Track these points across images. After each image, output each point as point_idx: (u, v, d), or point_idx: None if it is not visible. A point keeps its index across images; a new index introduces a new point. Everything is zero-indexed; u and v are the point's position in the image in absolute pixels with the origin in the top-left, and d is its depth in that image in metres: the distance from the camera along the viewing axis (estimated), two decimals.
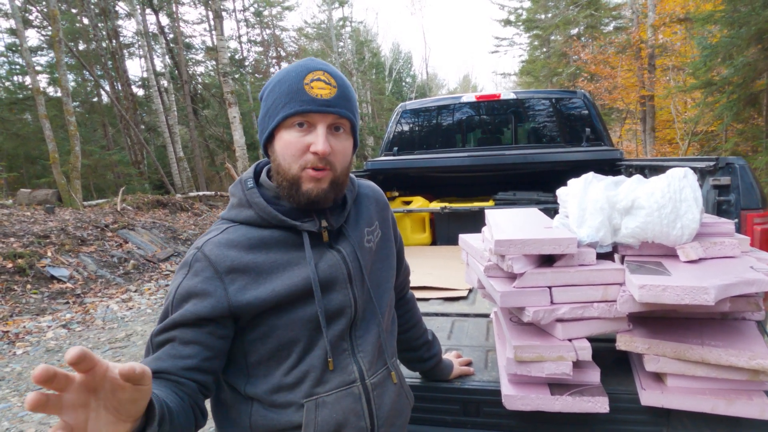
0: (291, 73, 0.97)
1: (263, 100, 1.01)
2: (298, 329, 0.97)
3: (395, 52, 39.44)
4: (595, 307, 1.38)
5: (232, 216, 1.02)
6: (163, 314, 0.95)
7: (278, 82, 0.98)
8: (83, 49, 17.79)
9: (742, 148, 9.90)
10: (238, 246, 0.96)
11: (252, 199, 1.00)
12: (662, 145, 15.17)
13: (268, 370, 0.98)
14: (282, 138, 0.96)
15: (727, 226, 1.48)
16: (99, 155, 14.94)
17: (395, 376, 1.11)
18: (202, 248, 0.96)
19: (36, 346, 4.59)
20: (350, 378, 1.01)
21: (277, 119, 0.95)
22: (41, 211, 8.72)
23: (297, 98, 0.94)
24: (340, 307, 1.01)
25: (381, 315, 1.09)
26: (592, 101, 3.96)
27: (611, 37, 18.19)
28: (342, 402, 0.99)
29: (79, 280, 6.49)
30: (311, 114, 0.94)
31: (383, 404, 1.06)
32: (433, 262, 3.05)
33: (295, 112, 0.93)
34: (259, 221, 0.99)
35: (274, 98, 0.97)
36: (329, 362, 0.98)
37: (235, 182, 1.06)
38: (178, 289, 0.93)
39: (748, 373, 1.27)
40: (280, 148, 0.97)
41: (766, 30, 6.68)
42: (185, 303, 0.92)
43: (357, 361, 1.03)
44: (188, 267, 0.95)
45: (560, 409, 1.37)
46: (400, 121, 4.35)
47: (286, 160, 0.96)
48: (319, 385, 0.98)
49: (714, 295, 1.15)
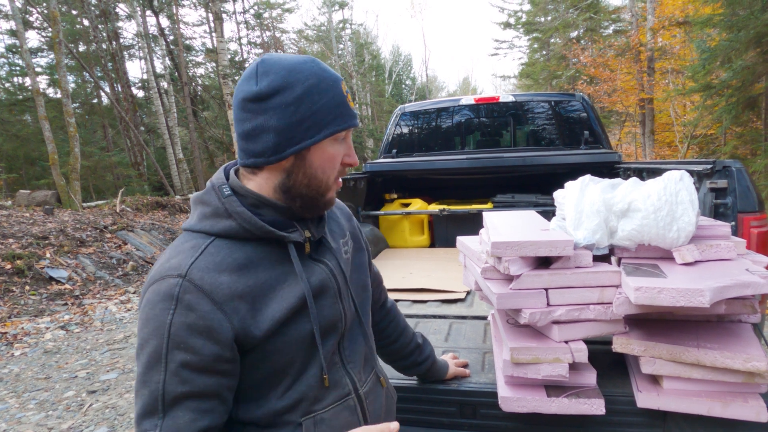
0: (328, 81, 0.91)
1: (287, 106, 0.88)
2: (293, 351, 0.92)
3: (395, 55, 39.53)
4: (591, 309, 1.38)
5: (206, 227, 0.91)
6: (149, 363, 0.82)
7: (313, 90, 0.89)
8: (83, 50, 17.80)
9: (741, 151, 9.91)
10: (227, 270, 0.87)
11: (233, 208, 0.89)
12: (661, 148, 15.19)
13: (260, 395, 0.93)
14: (325, 150, 0.92)
15: (723, 229, 1.48)
16: (98, 157, 14.94)
17: (384, 380, 1.13)
18: (189, 276, 0.83)
19: (34, 347, 4.59)
20: (345, 391, 1.00)
21: (327, 133, 0.90)
22: (40, 213, 8.72)
23: (345, 112, 0.92)
24: (332, 321, 0.99)
25: (366, 323, 1.10)
26: (590, 104, 3.97)
27: (611, 40, 18.23)
28: (340, 416, 0.98)
29: (78, 282, 6.48)
30: (352, 128, 0.95)
31: (375, 410, 1.07)
32: (431, 265, 3.05)
33: (346, 127, 0.92)
34: (241, 233, 0.89)
35: (315, 107, 0.89)
36: (325, 379, 0.95)
37: (206, 189, 0.95)
38: (171, 331, 0.81)
39: (743, 375, 1.28)
40: (320, 162, 0.92)
41: (765, 33, 6.69)
42: (186, 345, 0.82)
43: (348, 372, 1.02)
44: (174, 300, 0.82)
45: (556, 411, 1.37)
46: (399, 124, 4.36)
47: (326, 173, 0.94)
48: (316, 403, 0.96)
49: (709, 298, 1.15)
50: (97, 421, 3.14)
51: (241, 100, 0.90)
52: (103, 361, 4.18)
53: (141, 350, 0.84)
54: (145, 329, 0.83)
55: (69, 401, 3.45)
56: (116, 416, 3.19)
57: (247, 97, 0.89)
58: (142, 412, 0.82)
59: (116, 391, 3.56)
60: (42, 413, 3.29)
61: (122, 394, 3.51)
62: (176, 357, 0.81)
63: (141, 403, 0.82)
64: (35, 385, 3.74)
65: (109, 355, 4.31)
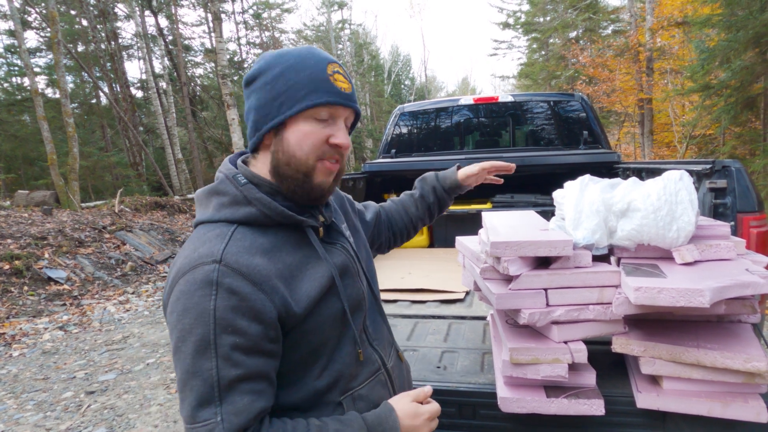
0: (308, 61, 0.91)
1: (264, 85, 0.92)
2: (327, 330, 0.94)
3: (394, 55, 39.53)
4: (590, 309, 1.38)
5: (227, 216, 0.91)
6: (197, 352, 0.80)
7: (291, 68, 0.91)
8: (82, 50, 17.79)
9: (740, 151, 9.92)
10: (258, 253, 0.87)
11: (252, 195, 0.91)
12: (660, 148, 15.20)
13: (298, 377, 0.94)
14: (299, 128, 0.90)
15: (722, 229, 1.48)
16: (97, 157, 14.91)
17: (402, 355, 1.19)
18: (224, 260, 0.83)
19: (32, 348, 4.58)
20: (375, 366, 1.04)
21: (300, 107, 0.89)
22: (39, 213, 8.70)
23: (324, 89, 0.90)
24: (357, 299, 1.02)
25: (379, 301, 1.15)
26: (589, 104, 3.97)
27: (610, 40, 18.23)
28: (374, 391, 1.02)
29: (77, 282, 6.47)
30: (336, 106, 0.92)
31: (400, 383, 1.12)
32: (430, 265, 3.05)
33: (325, 102, 0.90)
34: (262, 219, 0.91)
35: (290, 85, 0.90)
36: (359, 354, 0.99)
37: (219, 180, 0.95)
38: (216, 315, 0.80)
39: (743, 375, 1.27)
40: (296, 138, 0.91)
41: (764, 34, 6.69)
42: (234, 328, 0.81)
43: (375, 349, 1.06)
44: (214, 285, 0.81)
45: (556, 412, 1.37)
46: (398, 124, 4.35)
47: (303, 150, 0.91)
48: (352, 380, 0.99)
49: (709, 298, 1.15)
50: (96, 422, 3.13)
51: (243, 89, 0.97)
52: (101, 362, 4.17)
53: (182, 343, 0.82)
54: (184, 320, 0.81)
55: (67, 402, 3.44)
56: (114, 417, 3.18)
57: (243, 84, 0.96)
58: (197, 403, 0.80)
59: (114, 392, 3.55)
60: (40, 414, 3.28)
61: (120, 395, 3.50)
62: (225, 341, 0.80)
63: (194, 394, 0.80)
64: (33, 386, 3.73)
65: (108, 356, 4.30)
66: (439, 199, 1.53)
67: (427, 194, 1.51)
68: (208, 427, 0.79)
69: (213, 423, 0.79)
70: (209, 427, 0.79)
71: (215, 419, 0.79)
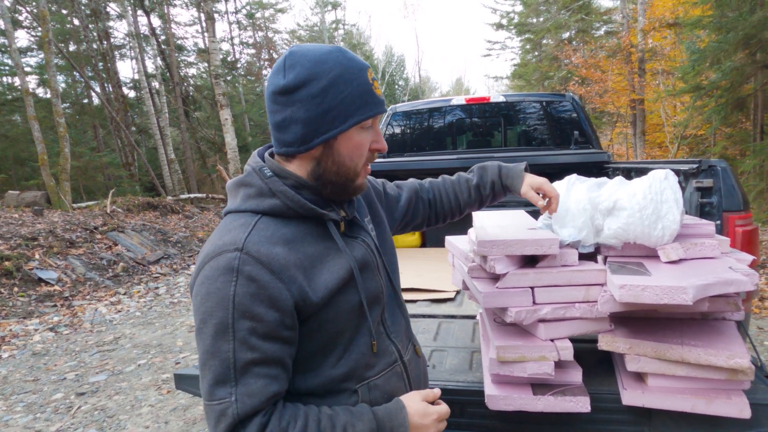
0: (352, 70, 0.93)
1: (313, 97, 0.91)
2: (343, 321, 0.97)
3: (388, 55, 39.53)
4: (577, 307, 1.39)
5: (253, 206, 0.95)
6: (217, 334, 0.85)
7: (339, 78, 0.91)
8: (73, 50, 17.67)
9: (730, 151, 10.02)
10: (279, 242, 0.91)
11: (276, 187, 0.95)
12: (652, 148, 15.31)
13: (315, 365, 0.98)
14: (352, 138, 0.95)
15: (707, 228, 1.49)
16: (89, 157, 14.82)
17: (419, 349, 1.20)
18: (246, 249, 0.87)
19: (22, 349, 4.55)
20: (392, 358, 1.06)
21: (353, 121, 0.93)
22: (29, 213, 8.64)
23: (371, 100, 0.94)
24: (375, 293, 1.04)
25: (399, 295, 1.17)
26: (580, 104, 3.99)
27: (602, 41, 18.36)
28: (390, 382, 1.04)
29: (68, 283, 6.43)
30: (380, 115, 0.97)
31: (416, 376, 1.14)
32: (422, 265, 3.06)
33: (373, 114, 0.95)
34: (285, 210, 0.95)
35: (342, 97, 0.92)
36: (373, 345, 1.01)
37: (247, 173, 0.99)
38: (236, 301, 0.84)
39: (726, 372, 1.29)
40: (347, 150, 0.96)
41: (753, 35, 6.76)
42: (251, 314, 0.85)
43: (393, 341, 1.08)
44: (235, 272, 0.85)
45: (542, 409, 1.38)
46: (391, 124, 4.36)
47: (354, 160, 0.97)
48: (368, 370, 1.01)
49: (692, 295, 1.16)
50: (86, 424, 3.12)
51: (271, 93, 0.95)
52: (92, 363, 4.14)
53: (204, 324, 0.87)
54: (207, 303, 0.86)
55: (57, 403, 3.42)
56: (105, 418, 3.17)
57: (276, 90, 0.93)
58: (214, 381, 0.85)
59: (105, 393, 3.53)
60: (30, 415, 3.26)
61: (111, 396, 3.48)
62: (243, 325, 0.85)
63: (212, 374, 0.86)
64: (23, 387, 3.71)
65: (99, 357, 4.28)
66: (495, 194, 1.45)
67: (484, 185, 1.43)
68: (223, 405, 0.84)
69: (228, 402, 0.84)
70: (224, 405, 0.84)
71: (230, 399, 0.84)
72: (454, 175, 1.48)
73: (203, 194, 15.38)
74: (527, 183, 1.38)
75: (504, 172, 1.42)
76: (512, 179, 1.40)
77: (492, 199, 1.46)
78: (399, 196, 1.38)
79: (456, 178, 1.47)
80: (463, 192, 1.44)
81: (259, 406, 0.85)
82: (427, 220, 1.45)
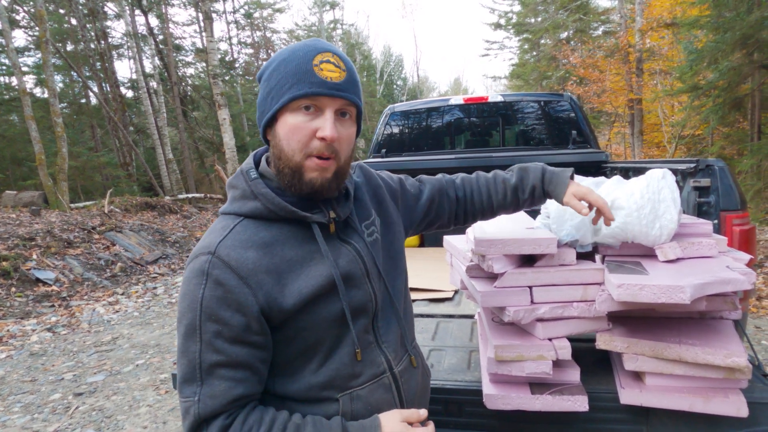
0: (298, 53, 0.90)
1: (264, 81, 0.94)
2: (323, 330, 0.95)
3: (386, 55, 39.53)
4: (574, 306, 1.39)
5: (236, 209, 0.96)
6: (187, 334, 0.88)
7: (283, 61, 0.91)
8: (71, 49, 17.62)
9: (728, 151, 10.03)
10: (254, 246, 0.90)
11: (257, 189, 0.94)
12: (650, 148, 15.34)
13: (294, 370, 0.96)
14: (286, 122, 0.90)
15: (704, 227, 1.50)
16: (87, 157, 14.77)
17: (414, 360, 1.11)
18: (217, 253, 0.88)
19: (20, 350, 4.53)
20: (380, 369, 1.02)
21: (283, 100, 0.89)
22: (27, 213, 8.62)
23: (306, 79, 0.88)
24: (362, 303, 0.99)
25: (398, 303, 1.09)
26: (578, 104, 4.00)
27: (600, 41, 18.38)
28: (375, 393, 1.00)
29: (65, 283, 6.41)
30: (320, 97, 0.89)
31: (410, 389, 1.08)
32: (420, 264, 3.06)
33: (304, 93, 0.88)
34: (266, 213, 0.93)
35: (279, 78, 0.90)
36: (357, 353, 0.97)
37: (236, 173, 0.99)
38: (203, 304, 0.86)
39: (724, 371, 1.29)
40: (283, 133, 0.91)
41: (750, 35, 6.77)
42: (217, 317, 0.86)
43: (383, 351, 1.03)
44: (204, 276, 0.87)
45: (540, 408, 1.38)
46: (388, 123, 4.36)
47: (291, 146, 0.90)
48: (352, 380, 0.98)
49: (690, 294, 1.16)
50: (84, 424, 3.11)
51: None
52: (90, 363, 4.13)
53: (179, 323, 0.90)
54: (182, 303, 0.89)
55: (55, 404, 3.41)
56: (103, 418, 3.16)
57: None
58: (183, 379, 0.88)
59: (103, 393, 3.53)
60: (27, 416, 3.25)
61: (109, 396, 3.47)
62: (209, 328, 0.87)
63: (181, 371, 0.88)
64: (21, 388, 3.70)
65: (97, 357, 4.27)
66: (534, 200, 1.31)
67: (523, 189, 1.29)
68: (188, 403, 0.87)
69: (191, 401, 0.87)
70: (188, 404, 0.87)
71: (193, 398, 0.87)
72: (491, 173, 1.36)
73: (201, 194, 15.36)
74: (570, 192, 1.22)
75: (548, 177, 1.27)
76: (555, 185, 1.25)
77: (530, 204, 1.33)
78: (420, 193, 1.27)
79: (492, 176, 1.34)
80: (498, 192, 1.31)
81: (221, 409, 0.86)
82: (455, 218, 1.33)
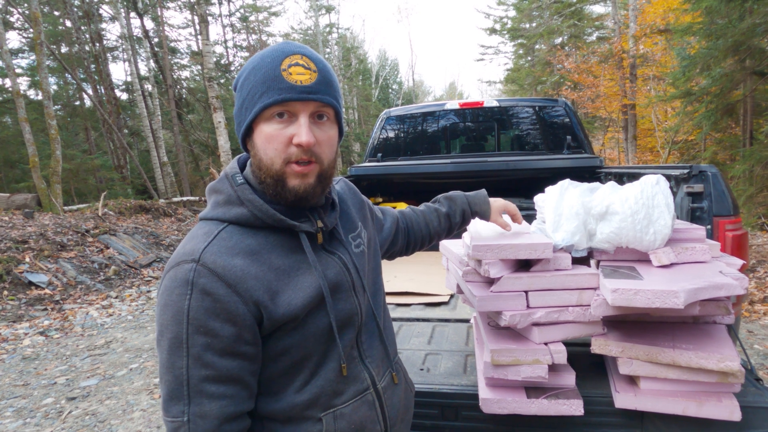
0: (266, 59, 0.87)
1: (238, 91, 0.92)
2: (311, 345, 0.92)
3: (382, 59, 39.61)
4: (570, 311, 1.40)
5: (219, 215, 0.91)
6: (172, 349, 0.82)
7: (253, 69, 0.88)
8: (66, 51, 17.55)
9: (720, 156, 10.12)
10: (240, 254, 0.86)
11: (245, 195, 0.90)
12: (644, 153, 15.45)
13: (278, 388, 0.92)
14: (262, 131, 0.88)
15: (698, 232, 1.51)
16: (81, 159, 14.70)
17: (396, 377, 1.10)
18: (202, 260, 0.83)
19: (12, 353, 4.50)
20: (363, 386, 0.99)
21: (255, 111, 0.86)
22: (20, 216, 8.55)
23: (275, 86, 0.85)
24: (349, 315, 0.97)
25: (379, 317, 1.08)
26: (573, 110, 4.03)
27: (594, 46, 18.50)
28: (359, 411, 0.97)
29: (58, 287, 6.37)
30: (291, 103, 0.86)
31: (393, 405, 1.06)
32: (415, 268, 3.06)
33: (273, 101, 0.85)
34: (252, 220, 0.90)
35: (250, 87, 0.88)
36: (343, 368, 0.94)
37: (220, 178, 0.96)
38: (190, 315, 0.81)
39: (717, 375, 1.30)
40: (260, 143, 0.88)
41: (742, 42, 6.84)
42: (206, 329, 0.82)
43: (367, 367, 1.01)
44: (189, 285, 0.82)
45: (536, 412, 1.39)
46: (384, 128, 4.37)
47: (268, 154, 0.87)
48: (335, 397, 0.95)
49: (683, 299, 1.17)
50: (77, 428, 3.09)
51: None
52: (83, 367, 4.11)
53: (161, 336, 0.84)
54: (164, 315, 0.83)
55: (48, 408, 3.38)
56: (96, 423, 3.14)
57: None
58: (168, 396, 0.83)
59: (96, 398, 3.50)
60: (20, 421, 3.23)
61: (103, 401, 3.45)
62: (197, 341, 0.82)
63: (167, 388, 0.83)
64: (13, 392, 3.67)
65: (90, 361, 4.24)
66: (464, 222, 1.48)
67: (453, 214, 1.45)
68: (176, 424, 0.82)
69: (179, 422, 0.82)
70: (176, 424, 0.82)
71: (182, 419, 0.82)
72: (421, 205, 1.51)
73: (196, 197, 15.30)
74: (494, 209, 1.46)
75: (472, 200, 1.46)
76: (480, 206, 1.45)
77: (461, 225, 1.49)
78: (384, 221, 1.35)
79: (425, 208, 1.49)
80: (433, 221, 1.45)
81: (212, 429, 0.82)
82: (405, 248, 1.44)
